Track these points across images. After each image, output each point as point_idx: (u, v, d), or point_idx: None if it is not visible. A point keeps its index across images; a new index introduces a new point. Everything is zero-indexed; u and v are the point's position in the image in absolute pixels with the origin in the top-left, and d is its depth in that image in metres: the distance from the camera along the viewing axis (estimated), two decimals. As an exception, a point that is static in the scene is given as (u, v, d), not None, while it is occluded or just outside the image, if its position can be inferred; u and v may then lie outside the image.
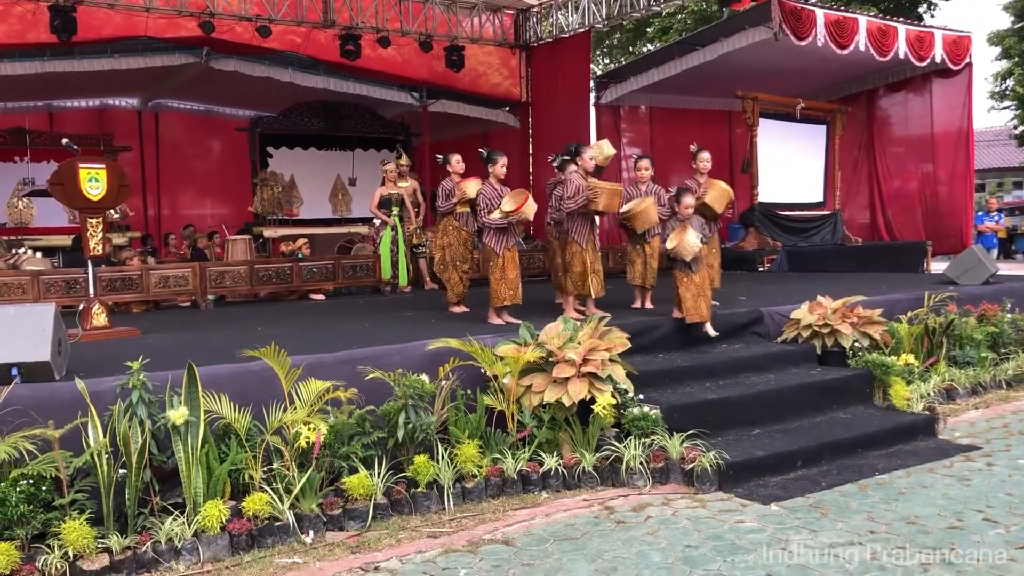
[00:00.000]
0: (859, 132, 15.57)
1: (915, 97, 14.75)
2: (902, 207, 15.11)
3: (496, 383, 5.71)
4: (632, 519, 4.84)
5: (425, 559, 4.34)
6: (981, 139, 28.49)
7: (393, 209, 10.87)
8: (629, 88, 14.90)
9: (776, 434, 6.02)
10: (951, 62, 13.40)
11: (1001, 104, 27.25)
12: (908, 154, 15.06)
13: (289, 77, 13.95)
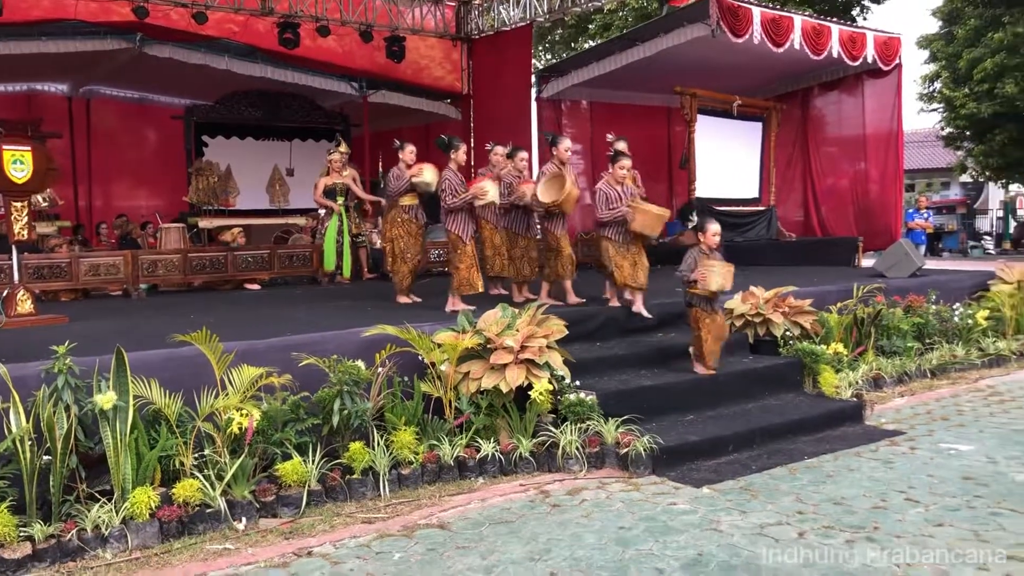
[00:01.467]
0: (794, 130, 15.85)
1: (848, 97, 15.06)
2: (835, 204, 15.42)
3: (434, 370, 5.70)
4: (567, 503, 4.88)
5: (359, 544, 4.32)
6: (911, 140, 29.34)
7: (338, 199, 10.72)
8: (570, 82, 14.94)
9: (709, 420, 6.12)
10: (882, 63, 13.71)
11: (929, 106, 28.01)
12: (841, 153, 15.37)
13: (226, 65, 13.67)
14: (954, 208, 30.78)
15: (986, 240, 29.24)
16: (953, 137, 27.57)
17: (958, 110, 25.11)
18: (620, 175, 7.37)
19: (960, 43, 25.36)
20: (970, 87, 24.56)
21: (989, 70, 23.64)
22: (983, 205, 34.42)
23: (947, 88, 25.94)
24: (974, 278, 10.50)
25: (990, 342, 8.90)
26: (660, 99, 15.67)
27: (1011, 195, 30.50)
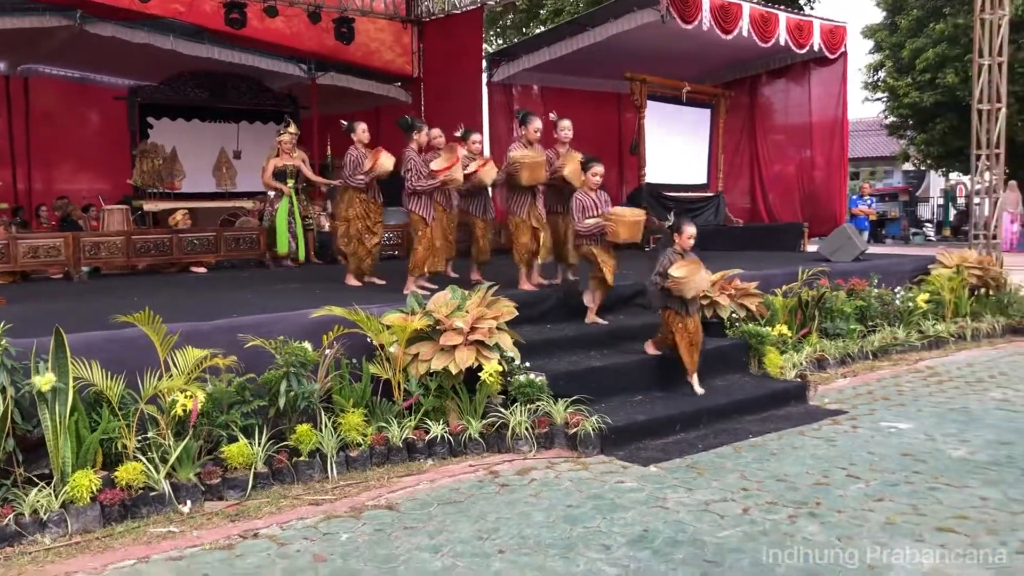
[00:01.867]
0: (742, 117, 16.02)
1: (794, 85, 15.25)
2: (781, 191, 15.64)
3: (382, 352, 5.67)
4: (516, 483, 4.89)
5: (306, 525, 4.29)
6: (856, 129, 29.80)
7: (288, 181, 10.57)
8: (521, 67, 14.92)
9: (657, 400, 6.19)
10: (828, 51, 13.91)
11: (874, 95, 28.54)
12: (787, 140, 15.58)
13: (171, 45, 13.39)
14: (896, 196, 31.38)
15: (927, 227, 29.91)
16: (896, 126, 28.13)
17: (901, 99, 25.63)
18: (594, 182, 7.02)
19: (903, 33, 25.85)
20: (913, 77, 25.06)
21: (931, 60, 24.15)
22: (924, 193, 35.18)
23: (891, 77, 26.44)
24: (915, 263, 10.73)
25: (930, 325, 9.11)
26: (611, 85, 15.71)
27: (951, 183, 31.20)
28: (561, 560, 3.78)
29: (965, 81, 19.32)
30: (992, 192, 11.98)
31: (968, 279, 9.89)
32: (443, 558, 3.83)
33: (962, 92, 21.58)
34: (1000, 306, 9.99)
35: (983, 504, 4.40)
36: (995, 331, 9.50)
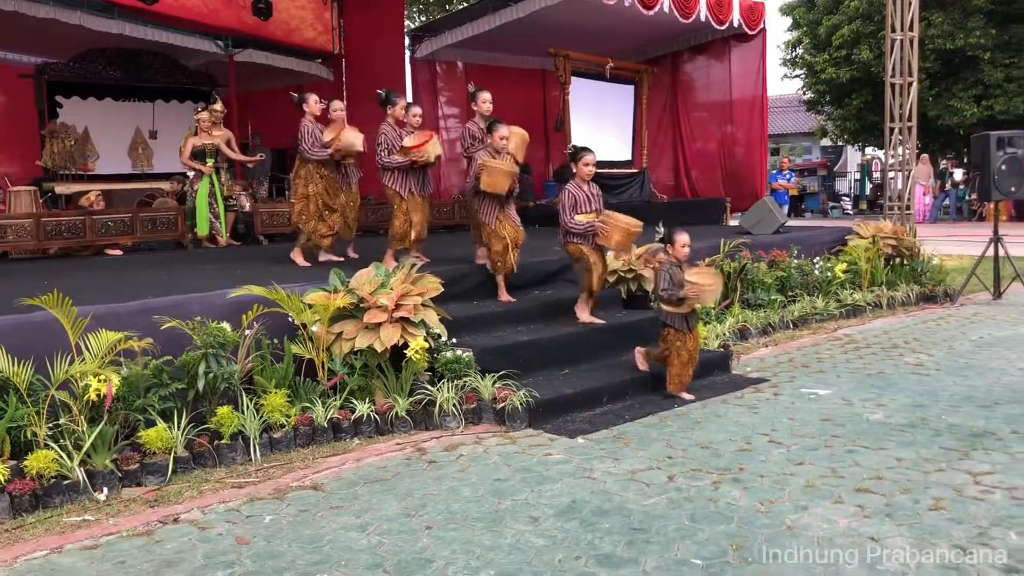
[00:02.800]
0: (665, 94, 16.16)
1: (715, 62, 15.43)
2: (704, 167, 15.86)
3: (305, 331, 5.57)
4: (444, 459, 4.86)
5: (229, 508, 4.19)
6: (775, 105, 30.44)
7: (208, 160, 10.28)
8: (444, 43, 14.77)
9: (584, 373, 6.22)
10: (747, 27, 14.09)
11: (792, 72, 29.12)
12: (709, 117, 15.77)
13: (79, 20, 12.84)
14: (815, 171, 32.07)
15: (845, 201, 30.68)
16: (814, 102, 28.75)
17: (818, 75, 26.20)
18: (587, 172, 6.59)
19: (820, 10, 26.39)
20: (829, 53, 25.62)
21: (846, 36, 24.71)
22: (842, 168, 36.05)
23: (808, 54, 26.99)
24: (832, 234, 10.99)
25: (847, 294, 9.35)
26: (536, 61, 15.69)
27: (867, 158, 32.06)
28: (489, 533, 3.77)
29: (879, 57, 19.81)
30: (905, 165, 12.32)
31: (883, 249, 10.17)
32: (369, 536, 3.78)
33: (876, 68, 22.16)
34: (914, 275, 10.31)
35: (898, 465, 4.53)
36: (909, 299, 9.80)
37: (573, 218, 6.51)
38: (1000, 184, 9.76)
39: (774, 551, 3.49)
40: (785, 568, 3.35)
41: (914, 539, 3.58)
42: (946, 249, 12.81)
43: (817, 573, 3.30)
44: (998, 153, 9.72)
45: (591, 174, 6.59)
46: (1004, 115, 22.33)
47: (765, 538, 3.63)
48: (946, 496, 4.05)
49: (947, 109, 23.40)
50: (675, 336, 5.94)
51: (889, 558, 3.41)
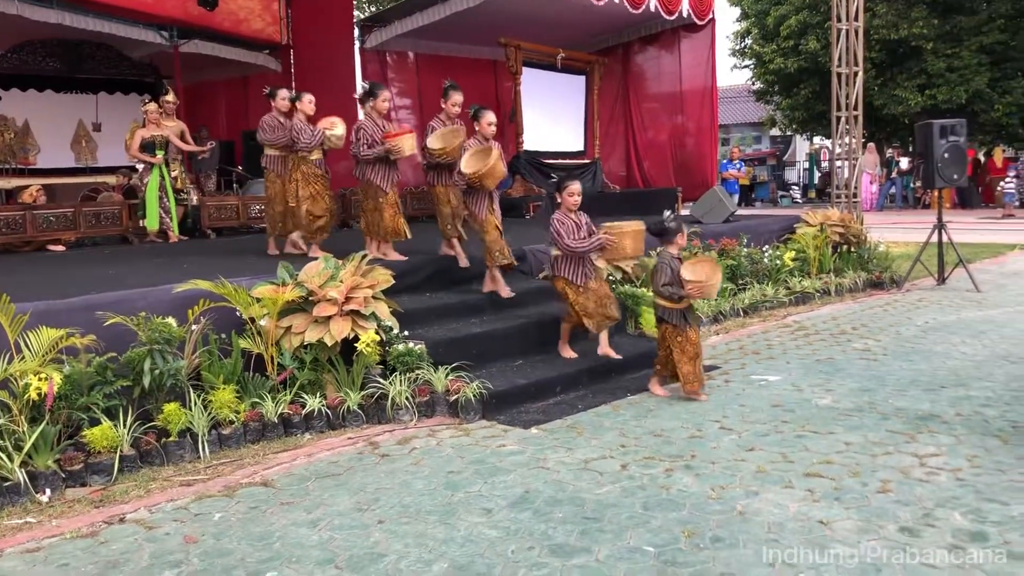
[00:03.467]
0: (616, 85, 16.20)
1: (665, 53, 15.49)
2: (655, 157, 15.93)
3: (253, 326, 5.48)
4: (397, 452, 4.83)
5: (177, 507, 4.11)
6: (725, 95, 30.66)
7: (158, 152, 10.04)
8: (394, 32, 14.62)
9: (538, 363, 6.21)
10: (697, 17, 14.16)
11: (742, 62, 29.40)
12: (660, 107, 15.84)
13: (16, 10, 12.46)
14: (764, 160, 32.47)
15: (794, 190, 31.11)
16: (763, 92, 29.04)
17: (767, 65, 26.48)
18: (572, 202, 6.12)
19: (768, 1, 26.64)
20: (777, 43, 25.89)
21: (794, 27, 25.00)
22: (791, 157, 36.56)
23: (757, 44, 27.25)
24: (781, 222, 11.12)
25: (796, 281, 9.48)
26: (487, 52, 15.61)
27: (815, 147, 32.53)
28: (442, 526, 3.75)
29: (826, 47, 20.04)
30: (852, 154, 12.51)
31: (831, 237, 10.31)
32: (320, 532, 3.73)
33: (823, 58, 22.43)
34: (861, 262, 10.48)
35: (847, 449, 4.59)
36: (856, 285, 9.96)
37: (574, 239, 6.05)
38: (943, 172, 9.95)
39: (725, 537, 3.52)
40: (736, 553, 3.38)
41: (862, 521, 3.63)
42: (892, 236, 13.06)
43: (767, 558, 3.33)
44: (941, 141, 9.90)
45: (576, 204, 6.16)
46: (947, 104, 22.79)
47: (717, 524, 3.65)
48: (893, 479, 4.12)
49: (892, 98, 23.81)
50: (672, 333, 5.65)
51: (838, 540, 3.45)
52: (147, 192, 10.04)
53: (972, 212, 21.68)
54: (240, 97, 16.46)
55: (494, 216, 6.91)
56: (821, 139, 30.59)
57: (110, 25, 13.51)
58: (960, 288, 9.99)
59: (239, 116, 16.31)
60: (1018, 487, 3.97)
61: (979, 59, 22.98)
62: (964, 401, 5.42)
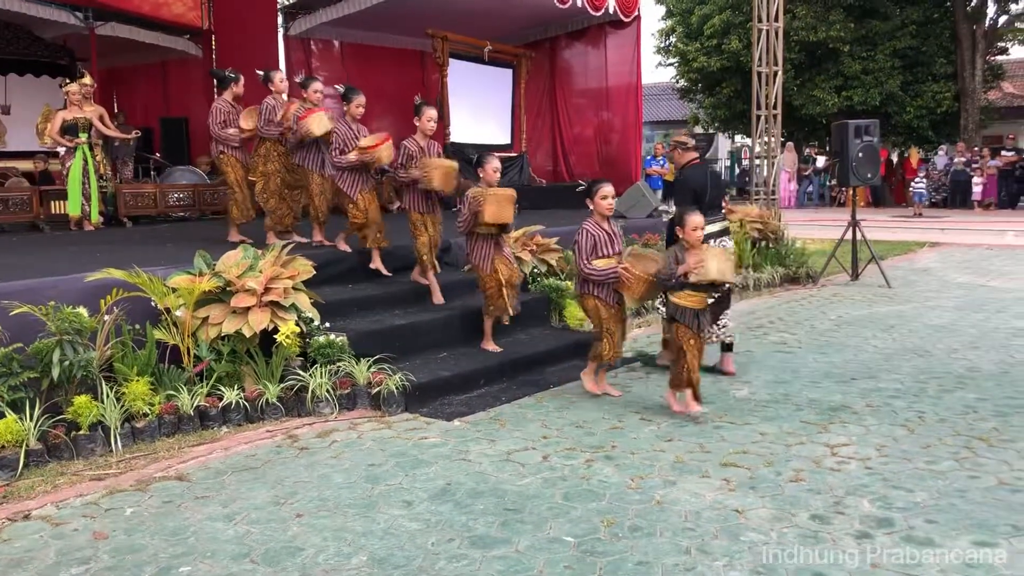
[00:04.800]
0: (543, 79, 16.25)
1: (592, 49, 15.61)
2: (582, 153, 16.04)
3: (169, 316, 5.34)
4: (317, 445, 4.76)
5: (86, 502, 3.98)
6: (650, 93, 31.06)
7: (81, 135, 9.65)
8: (319, 20, 14.39)
9: (462, 356, 6.20)
10: (622, 14, 14.30)
11: (666, 60, 29.77)
12: (587, 103, 15.95)
13: (-83, -15, 11.95)
14: (689, 157, 32.96)
15: (716, 187, 31.62)
16: (687, 90, 29.48)
17: (691, 64, 26.88)
18: (605, 207, 5.62)
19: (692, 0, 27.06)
20: (701, 42, 26.31)
21: (717, 26, 25.44)
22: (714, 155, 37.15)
23: (681, 43, 27.64)
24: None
25: (716, 276, 9.63)
26: (415, 42, 15.49)
27: (737, 145, 33.17)
28: (361, 519, 3.71)
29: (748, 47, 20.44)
30: (771, 153, 12.79)
31: (750, 233, 10.53)
32: (237, 526, 3.66)
33: (745, 57, 22.86)
34: (779, 257, 10.73)
35: (762, 439, 4.70)
36: (774, 280, 10.20)
37: (590, 263, 5.52)
38: (858, 171, 10.24)
39: (644, 526, 3.57)
40: (653, 542, 3.42)
41: (776, 510, 3.72)
42: (809, 233, 13.42)
43: (684, 546, 3.39)
44: (856, 141, 10.19)
45: (611, 209, 5.64)
46: (862, 105, 23.49)
47: (635, 513, 3.70)
48: (806, 468, 4.23)
49: (810, 99, 24.42)
50: (686, 333, 5.09)
51: (752, 529, 3.53)
52: (69, 176, 9.63)
53: (885, 211, 22.40)
54: (158, 83, 16.01)
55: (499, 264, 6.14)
56: (742, 137, 31.20)
57: (20, 3, 12.99)
58: (872, 284, 10.31)
59: (157, 102, 15.88)
60: (922, 475, 4.12)
61: (892, 63, 23.75)
62: (874, 393, 5.60)
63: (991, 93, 26.48)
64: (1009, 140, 24.20)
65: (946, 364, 6.36)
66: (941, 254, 13.37)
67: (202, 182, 12.38)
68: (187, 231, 9.60)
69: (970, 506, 3.73)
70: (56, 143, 9.88)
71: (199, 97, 15.31)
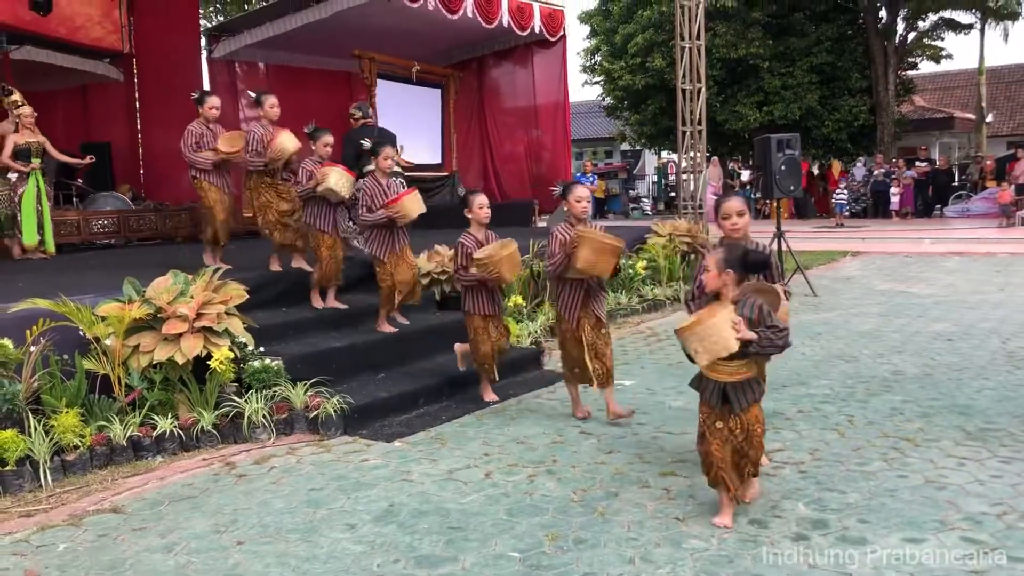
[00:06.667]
0: (472, 98, 16.34)
1: (520, 68, 15.78)
2: (512, 171, 16.17)
3: (98, 345, 5.21)
4: (255, 471, 4.70)
5: (16, 540, 3.86)
6: (578, 111, 31.46)
7: (34, 160, 9.32)
8: (243, 42, 14.25)
9: (400, 376, 6.18)
10: (548, 34, 14.49)
11: (592, 78, 30.23)
12: (516, 121, 16.09)
13: None
14: (616, 174, 33.46)
15: (644, 202, 32.17)
16: (613, 107, 29.98)
17: (616, 82, 27.34)
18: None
19: (616, 19, 27.58)
20: (626, 60, 26.79)
21: (641, 45, 25.94)
22: (641, 171, 37.77)
23: (606, 61, 28.10)
24: (633, 233, 11.47)
25: (648, 289, 9.81)
26: (341, 63, 15.44)
27: (663, 161, 33.74)
28: (304, 544, 3.67)
29: (671, 65, 20.90)
30: (697, 167, 13.08)
31: (679, 246, 10.74)
32: (176, 556, 3.59)
33: (669, 75, 23.36)
34: (708, 270, 10.92)
35: (699, 447, 4.78)
36: (704, 292, 10.38)
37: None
38: (781, 183, 10.54)
39: (588, 538, 3.61)
40: (598, 553, 3.46)
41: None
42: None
43: (628, 555, 3.44)
44: (778, 155, 10.48)
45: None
46: (783, 119, 24.18)
47: (579, 526, 3.74)
48: (742, 474, 4.32)
49: (733, 114, 25.04)
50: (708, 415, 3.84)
51: (694, 536, 3.59)
52: (23, 204, 9.29)
53: (808, 222, 23.04)
54: (79, 107, 15.64)
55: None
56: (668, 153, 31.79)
57: (-72, 28, 12.60)
58: (798, 293, 10.57)
59: (78, 127, 15.49)
60: (854, 476, 4.25)
61: (810, 78, 24.52)
62: (805, 399, 5.75)
63: (904, 106, 27.54)
64: (922, 152, 25.19)
65: (872, 369, 6.57)
66: (863, 262, 13.79)
67: (127, 208, 12.11)
68: (114, 258, 9.38)
69: (899, 504, 3.86)
70: (8, 167, 9.43)
71: (121, 122, 15.05)
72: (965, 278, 11.51)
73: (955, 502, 3.86)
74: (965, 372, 6.33)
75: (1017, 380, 6.03)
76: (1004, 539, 3.45)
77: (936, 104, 33.45)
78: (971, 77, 31.90)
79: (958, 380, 6.10)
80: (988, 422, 5.05)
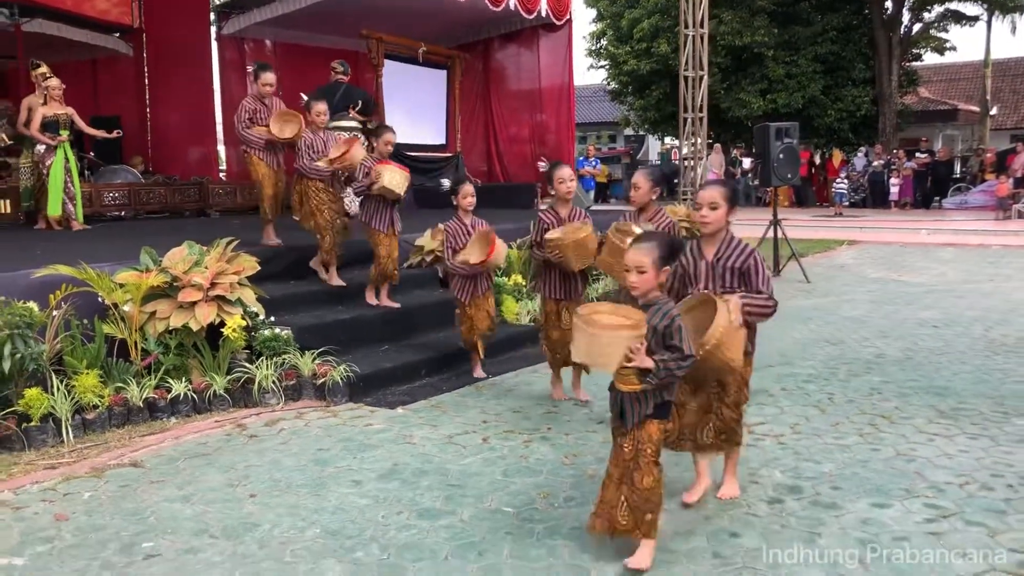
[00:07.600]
0: (477, 81, 16.52)
1: (525, 51, 15.96)
2: (515, 153, 16.37)
3: (117, 311, 5.47)
4: (265, 433, 4.96)
5: (43, 488, 4.13)
6: (583, 95, 31.57)
7: (63, 132, 9.50)
8: (252, 20, 14.43)
9: (404, 348, 6.44)
10: (555, 17, 14.66)
11: (598, 63, 30.34)
12: (520, 104, 16.28)
13: None
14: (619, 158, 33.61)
15: (647, 187, 32.27)
16: (617, 92, 30.07)
17: (621, 67, 27.46)
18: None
19: (622, 4, 27.65)
20: (631, 45, 26.90)
21: (646, 30, 26.05)
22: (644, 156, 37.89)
23: (612, 46, 28.20)
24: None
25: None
26: (349, 43, 15.59)
27: (666, 147, 33.92)
28: (313, 497, 3.94)
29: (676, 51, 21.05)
30: (699, 154, 13.29)
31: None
32: (194, 506, 3.86)
33: (674, 61, 23.44)
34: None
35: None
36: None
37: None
38: (778, 171, 10.76)
39: (577, 496, 3.87)
40: (586, 510, 3.71)
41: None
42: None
43: (614, 513, 3.70)
44: (777, 143, 10.70)
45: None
46: (786, 108, 24.33)
47: (570, 486, 4.01)
48: (725, 444, 4.58)
49: (736, 102, 25.20)
50: None
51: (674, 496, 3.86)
52: (51, 176, 9.42)
53: (807, 210, 23.22)
54: (89, 81, 15.83)
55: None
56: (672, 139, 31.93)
57: (-60, 0, 12.79)
58: (793, 279, 10.83)
59: (88, 101, 15.66)
60: (830, 448, 4.51)
61: (814, 67, 24.66)
62: (788, 378, 6.01)
63: (907, 97, 27.66)
64: (924, 143, 25.33)
65: (856, 351, 6.82)
66: (859, 251, 14.01)
67: (137, 181, 12.34)
68: (125, 230, 9.60)
69: (870, 474, 4.12)
70: (37, 140, 9.58)
71: (131, 96, 15.22)
72: (957, 268, 11.75)
73: (922, 472, 4.12)
74: (945, 356, 6.59)
75: (994, 364, 6.29)
76: (964, 506, 3.71)
77: (941, 96, 33.54)
78: (976, 69, 31.96)
79: (937, 363, 6.35)
80: (961, 402, 5.31)
